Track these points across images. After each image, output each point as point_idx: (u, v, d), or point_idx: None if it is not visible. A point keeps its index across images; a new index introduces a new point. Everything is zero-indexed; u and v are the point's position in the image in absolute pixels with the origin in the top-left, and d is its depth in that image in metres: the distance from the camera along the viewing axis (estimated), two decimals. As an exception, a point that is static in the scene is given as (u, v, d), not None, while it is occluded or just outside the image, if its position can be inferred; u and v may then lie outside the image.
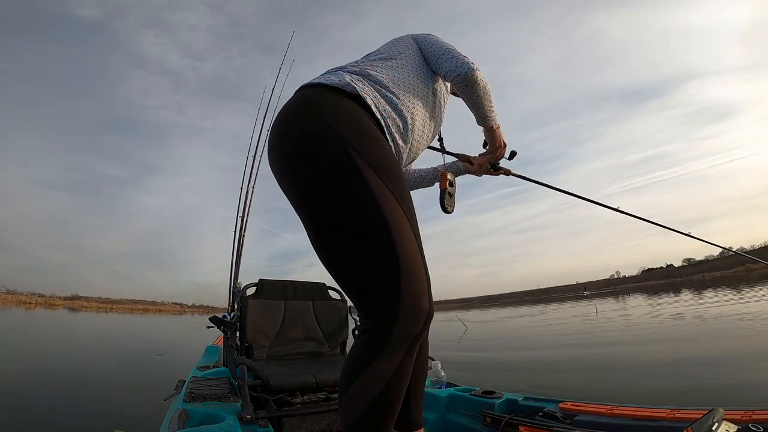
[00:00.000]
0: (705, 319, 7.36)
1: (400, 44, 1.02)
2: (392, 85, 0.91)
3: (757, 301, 9.87)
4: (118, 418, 2.67)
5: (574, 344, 6.45)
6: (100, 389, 3.74)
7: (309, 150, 0.76)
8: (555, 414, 1.20)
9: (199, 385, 1.39)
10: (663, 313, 10.00)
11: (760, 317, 6.53)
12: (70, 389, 3.65)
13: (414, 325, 0.70)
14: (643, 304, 15.87)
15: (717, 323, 6.64)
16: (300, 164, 0.77)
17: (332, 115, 0.79)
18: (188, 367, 2.05)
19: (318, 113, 0.79)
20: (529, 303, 45.68)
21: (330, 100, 0.82)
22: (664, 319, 8.53)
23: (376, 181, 0.73)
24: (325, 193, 0.74)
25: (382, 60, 0.97)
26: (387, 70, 0.94)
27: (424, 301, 0.71)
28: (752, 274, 47.39)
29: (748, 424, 0.83)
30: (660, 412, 1.03)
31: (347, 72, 0.91)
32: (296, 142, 0.78)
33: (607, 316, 11.37)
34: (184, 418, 1.08)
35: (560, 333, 8.58)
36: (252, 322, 1.97)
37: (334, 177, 0.73)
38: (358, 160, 0.73)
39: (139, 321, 25.28)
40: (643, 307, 13.43)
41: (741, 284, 19.36)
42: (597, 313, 12.91)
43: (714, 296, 14.27)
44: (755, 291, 13.12)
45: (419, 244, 0.75)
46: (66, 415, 2.77)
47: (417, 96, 0.95)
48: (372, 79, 0.90)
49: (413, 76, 0.96)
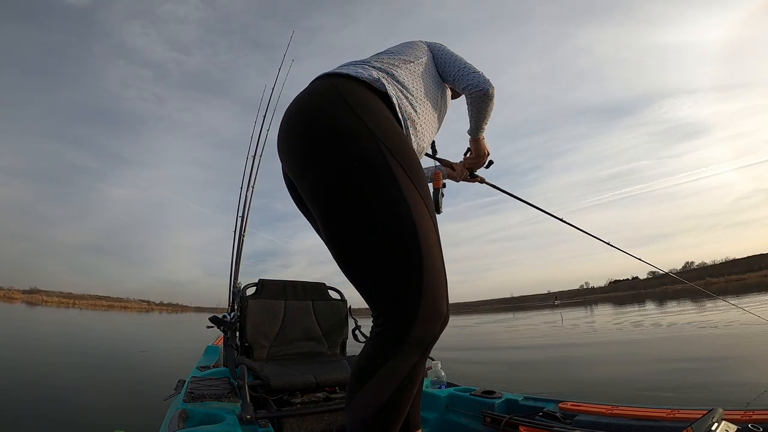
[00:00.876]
0: (660, 326, 8.21)
1: (417, 49, 1.03)
2: (413, 89, 0.93)
3: (707, 313, 10.45)
4: (118, 418, 2.67)
5: (534, 345, 7.41)
6: (96, 390, 3.73)
7: (340, 139, 0.73)
8: (555, 414, 1.20)
9: (199, 385, 1.39)
10: (622, 321, 11.00)
11: (708, 325, 7.22)
12: (65, 388, 3.64)
13: (432, 328, 0.68)
14: (608, 313, 17.09)
15: (667, 330, 7.43)
16: (327, 153, 0.73)
17: (364, 109, 0.77)
18: (187, 367, 2.05)
19: (350, 104, 0.76)
20: (503, 310, 48.16)
21: (361, 93, 0.80)
22: (623, 325, 9.51)
23: (405, 179, 0.71)
24: (349, 185, 0.71)
25: (403, 62, 0.96)
26: (408, 74, 0.94)
27: (443, 304, 0.69)
28: (711, 288, 51.41)
29: (748, 424, 0.83)
30: (660, 412, 1.03)
31: (373, 68, 0.89)
32: (326, 128, 0.75)
33: (574, 323, 12.30)
34: (184, 418, 1.08)
35: (524, 336, 9.47)
36: (252, 322, 1.97)
37: (363, 171, 0.70)
38: (389, 157, 0.72)
39: (109, 318, 24.73)
40: (606, 316, 14.64)
41: (700, 297, 20.84)
42: (563, 320, 13.93)
43: (672, 307, 15.34)
44: (712, 303, 13.99)
45: (440, 245, 0.73)
46: (66, 416, 2.77)
47: (429, 103, 0.97)
48: (396, 80, 0.90)
49: (430, 84, 0.99)
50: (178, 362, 5.14)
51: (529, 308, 46.59)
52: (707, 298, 16.51)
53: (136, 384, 4.05)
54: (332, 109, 0.76)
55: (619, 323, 10.22)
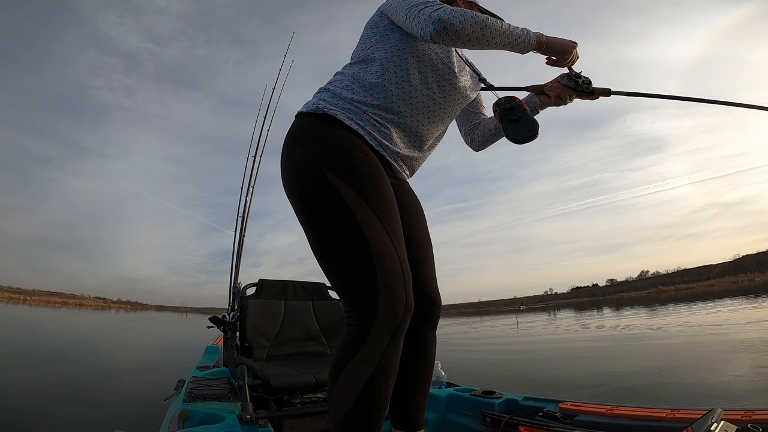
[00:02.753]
0: (603, 329, 9.69)
1: (370, 30, 0.99)
2: (355, 90, 0.92)
3: (655, 319, 11.60)
4: (118, 418, 2.67)
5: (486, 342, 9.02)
6: (100, 388, 3.73)
7: (291, 174, 0.89)
8: (555, 414, 1.20)
9: (199, 385, 1.39)
10: (572, 324, 12.70)
11: (657, 329, 8.22)
12: (69, 386, 3.64)
13: (393, 313, 0.76)
14: (568, 317, 18.85)
15: (609, 333, 8.64)
16: (289, 187, 0.90)
17: (306, 139, 0.90)
18: (187, 368, 2.05)
19: (297, 140, 0.91)
20: (470, 314, 50.67)
21: (305, 125, 0.92)
22: (572, 328, 11.19)
23: (345, 189, 0.82)
24: (308, 206, 0.86)
25: (350, 65, 1.00)
26: (347, 78, 0.95)
27: (400, 293, 0.78)
28: (662, 296, 56.20)
29: (747, 425, 0.83)
30: (660, 412, 1.03)
31: (320, 91, 0.98)
32: (283, 170, 0.92)
33: (530, 325, 14.24)
34: (184, 418, 1.08)
35: (480, 336, 10.90)
36: (252, 322, 1.97)
37: (311, 191, 0.85)
38: (327, 173, 0.83)
39: (61, 316, 24.17)
40: (566, 320, 16.19)
41: (653, 303, 23.15)
42: (518, 324, 15.50)
43: (625, 313, 16.72)
44: (663, 310, 15.64)
45: (395, 242, 0.82)
46: (66, 415, 2.77)
47: (392, 83, 0.91)
48: (333, 94, 0.94)
49: (390, 60, 0.92)
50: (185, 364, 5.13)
51: (496, 313, 48.83)
52: (658, 305, 18.52)
53: (136, 385, 4.05)
54: (286, 150, 0.92)
55: (569, 326, 11.85)
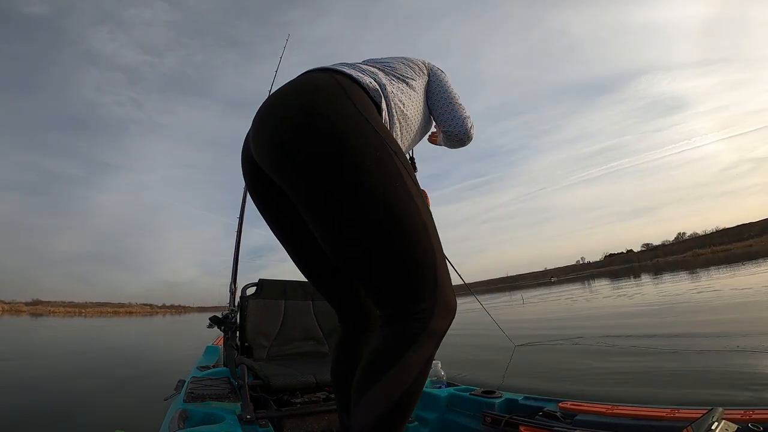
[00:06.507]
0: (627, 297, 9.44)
1: (414, 70, 1.00)
2: (402, 109, 0.91)
3: (699, 282, 11.05)
4: (118, 418, 2.67)
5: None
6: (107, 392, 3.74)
7: (346, 132, 0.69)
8: (555, 414, 1.20)
9: (199, 385, 1.39)
10: (607, 293, 12.38)
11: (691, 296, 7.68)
12: (77, 391, 3.65)
13: (447, 320, 0.70)
14: (605, 286, 18.22)
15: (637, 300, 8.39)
16: (332, 143, 0.69)
17: (369, 112, 0.75)
18: (187, 368, 2.05)
19: (354, 103, 0.74)
20: (499, 291, 47.86)
21: (363, 95, 0.78)
22: (598, 298, 11.12)
23: (410, 181, 0.73)
24: (366, 183, 0.68)
25: (397, 79, 0.94)
26: (400, 94, 0.92)
27: (454, 298, 0.72)
28: (698, 259, 53.82)
29: (748, 424, 0.83)
30: (660, 411, 1.03)
31: (369, 76, 0.85)
32: (330, 118, 0.70)
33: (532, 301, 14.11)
34: (184, 418, 1.08)
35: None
36: (252, 322, 1.97)
37: (377, 169, 0.69)
38: (397, 161, 0.72)
39: (116, 323, 24.68)
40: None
41: (694, 268, 21.83)
42: (523, 301, 14.94)
43: (663, 279, 16.08)
44: (706, 273, 14.77)
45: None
46: (66, 415, 2.77)
47: (411, 130, 0.96)
48: (387, 95, 0.87)
49: (416, 112, 0.96)
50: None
51: (525, 287, 46.90)
52: (701, 268, 17.78)
53: (139, 385, 4.05)
54: (337, 100, 0.73)
55: (597, 295, 11.59)
